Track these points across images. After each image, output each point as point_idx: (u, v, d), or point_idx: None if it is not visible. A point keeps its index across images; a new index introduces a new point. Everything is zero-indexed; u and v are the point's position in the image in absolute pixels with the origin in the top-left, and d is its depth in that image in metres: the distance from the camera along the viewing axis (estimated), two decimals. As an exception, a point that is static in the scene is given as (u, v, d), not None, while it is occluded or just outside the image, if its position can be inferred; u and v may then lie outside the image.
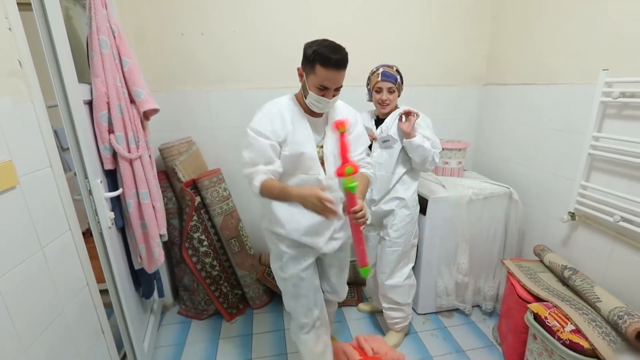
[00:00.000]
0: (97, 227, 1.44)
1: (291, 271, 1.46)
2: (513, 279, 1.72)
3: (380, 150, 1.72)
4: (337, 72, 1.22)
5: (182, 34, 2.07)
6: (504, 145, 2.26)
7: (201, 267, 2.12)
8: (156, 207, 1.67)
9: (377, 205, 1.78)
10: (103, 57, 1.41)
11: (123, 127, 1.49)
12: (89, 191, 1.40)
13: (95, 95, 1.41)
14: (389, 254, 1.78)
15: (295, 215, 1.39)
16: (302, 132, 1.34)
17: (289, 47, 2.18)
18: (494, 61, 2.34)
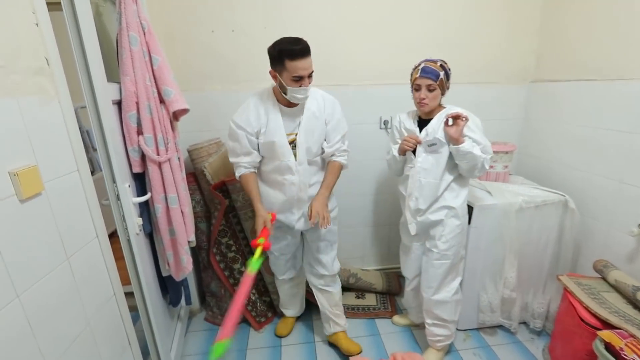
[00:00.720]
0: (124, 234, 1.38)
1: (274, 247, 1.76)
2: (573, 299, 1.54)
3: (426, 155, 1.56)
4: (304, 59, 1.37)
5: (213, 31, 2.00)
6: (555, 148, 2.06)
7: (229, 274, 2.04)
8: (185, 213, 1.60)
9: (423, 215, 1.62)
10: (132, 54, 1.34)
11: (152, 128, 1.42)
12: (116, 196, 1.34)
13: (124, 95, 1.35)
14: (437, 267, 1.63)
15: (270, 195, 1.64)
16: (274, 122, 1.51)
17: (320, 43, 2.06)
18: (544, 56, 2.14)
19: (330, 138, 1.61)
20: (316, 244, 1.74)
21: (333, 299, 1.85)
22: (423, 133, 1.57)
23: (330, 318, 1.87)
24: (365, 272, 2.36)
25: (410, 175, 1.62)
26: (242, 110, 1.55)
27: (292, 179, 1.56)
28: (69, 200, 1.08)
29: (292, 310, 2.04)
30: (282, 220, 1.66)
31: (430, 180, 1.57)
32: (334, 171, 1.64)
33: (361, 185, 2.35)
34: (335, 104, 1.62)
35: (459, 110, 1.49)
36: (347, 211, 2.37)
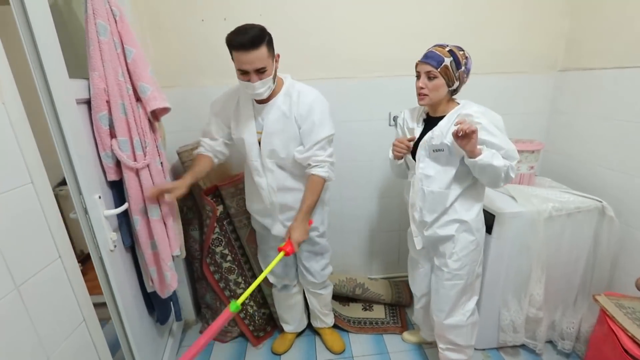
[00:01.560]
0: (96, 251, 1.22)
1: (260, 246, 1.72)
2: (614, 325, 1.32)
3: (429, 161, 1.34)
4: (246, 53, 1.20)
5: (203, 20, 1.81)
6: (589, 145, 1.82)
7: (224, 285, 1.88)
8: (168, 225, 1.44)
9: (430, 229, 1.41)
10: (101, 46, 1.17)
11: (127, 130, 1.25)
12: (84, 209, 1.17)
13: (92, 93, 1.18)
14: (449, 289, 1.43)
15: (249, 195, 1.59)
16: (244, 118, 1.42)
17: (321, 31, 1.87)
18: (576, 41, 1.89)
19: (304, 142, 1.39)
20: (303, 253, 1.65)
21: (323, 300, 1.81)
22: (428, 135, 1.33)
23: (318, 316, 1.86)
24: (373, 282, 2.18)
25: (412, 182, 1.42)
26: (222, 95, 1.50)
27: (260, 182, 1.46)
28: (20, 217, 0.92)
29: (292, 325, 1.87)
30: (263, 223, 1.59)
31: (434, 189, 1.34)
32: (312, 189, 1.40)
33: (368, 188, 2.15)
34: (315, 103, 1.37)
35: (469, 112, 1.26)
36: (353, 216, 2.19)
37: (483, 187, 1.40)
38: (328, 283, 1.80)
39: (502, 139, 1.26)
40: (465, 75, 1.29)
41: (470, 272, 1.42)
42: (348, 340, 1.91)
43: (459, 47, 1.28)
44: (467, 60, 1.28)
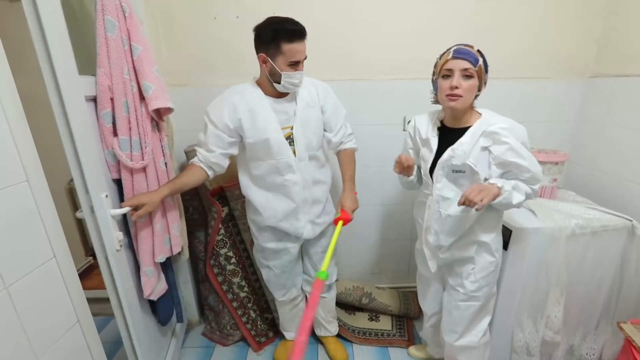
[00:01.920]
0: (102, 251, 1.20)
1: (274, 263, 1.56)
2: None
3: (447, 181, 1.23)
4: (303, 42, 1.23)
5: (215, 18, 1.78)
6: (618, 159, 1.69)
7: (227, 288, 1.85)
8: (155, 230, 1.37)
9: (447, 252, 1.31)
10: (108, 42, 1.15)
11: (128, 129, 1.23)
12: (90, 208, 1.15)
13: (97, 90, 1.17)
14: (463, 310, 1.34)
15: (271, 201, 1.43)
16: (263, 118, 1.32)
17: (335, 31, 1.80)
18: (609, 45, 1.76)
19: (332, 126, 1.47)
20: (318, 254, 1.61)
21: (327, 305, 1.78)
22: (447, 154, 1.19)
23: (322, 324, 1.81)
24: (381, 292, 2.10)
25: (427, 204, 1.31)
26: (217, 102, 1.36)
27: (294, 178, 1.39)
28: (13, 216, 0.90)
29: (294, 332, 1.83)
30: (287, 229, 1.46)
31: (452, 213, 1.23)
32: (351, 160, 1.52)
33: (379, 194, 2.08)
34: (328, 88, 1.47)
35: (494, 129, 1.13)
36: (363, 223, 2.11)
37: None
38: (333, 286, 1.76)
39: (530, 161, 1.15)
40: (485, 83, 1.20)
41: (487, 294, 1.33)
42: (352, 351, 1.85)
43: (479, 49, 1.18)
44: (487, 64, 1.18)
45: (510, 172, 1.18)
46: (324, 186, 1.51)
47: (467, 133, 1.18)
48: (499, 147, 1.14)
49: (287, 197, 1.42)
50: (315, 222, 1.50)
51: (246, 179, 1.47)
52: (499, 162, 1.16)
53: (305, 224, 1.47)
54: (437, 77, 1.20)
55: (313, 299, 1.04)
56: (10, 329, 0.89)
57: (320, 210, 1.51)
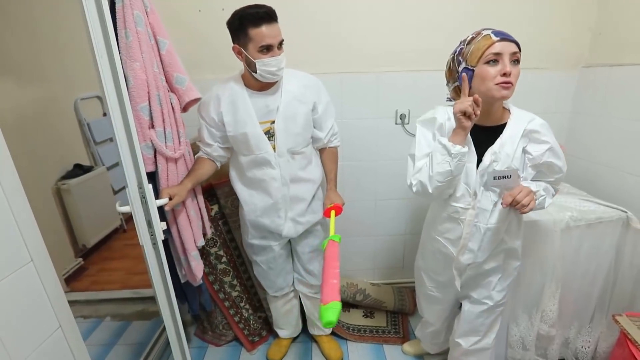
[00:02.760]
0: (150, 241, 1.16)
1: (260, 258, 1.57)
2: (635, 349, 1.19)
3: (484, 190, 1.11)
4: (271, 24, 1.19)
5: (200, 10, 1.73)
6: (614, 150, 1.67)
7: (219, 288, 1.82)
8: (190, 216, 1.43)
9: (475, 269, 1.25)
10: (139, 36, 1.16)
11: (162, 120, 1.25)
12: (142, 198, 1.12)
13: (133, 84, 1.16)
14: (485, 318, 1.30)
15: (253, 196, 1.44)
16: (243, 111, 1.31)
17: (325, 23, 1.75)
18: (603, 34, 1.73)
19: (323, 125, 1.46)
20: (306, 254, 1.58)
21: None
22: (487, 158, 1.06)
23: (315, 323, 1.79)
24: (375, 288, 2.08)
25: (466, 220, 1.15)
26: (205, 98, 1.39)
27: (273, 174, 1.38)
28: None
29: (287, 330, 1.80)
30: (268, 226, 1.47)
31: (492, 225, 1.13)
32: (335, 158, 1.54)
33: (373, 189, 2.05)
34: (320, 84, 1.44)
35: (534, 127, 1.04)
36: (356, 219, 2.08)
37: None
38: None
39: (564, 161, 1.09)
40: None
41: (508, 297, 1.30)
42: (346, 348, 1.83)
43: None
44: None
45: (540, 173, 1.11)
46: (309, 184, 1.47)
47: (506, 132, 1.06)
48: (539, 147, 1.05)
49: (265, 193, 1.42)
50: (297, 221, 1.46)
51: (234, 173, 1.49)
52: (537, 163, 1.06)
53: (285, 222, 1.45)
54: (477, 64, 1.02)
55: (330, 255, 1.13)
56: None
57: (304, 209, 1.47)
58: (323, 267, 1.12)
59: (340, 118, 1.89)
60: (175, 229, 1.40)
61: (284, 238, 1.51)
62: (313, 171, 1.48)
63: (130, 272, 2.64)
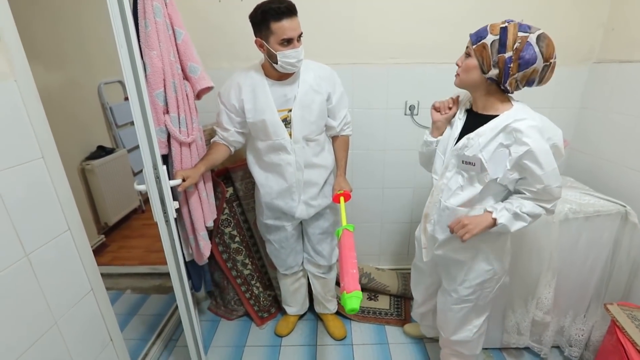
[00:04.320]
0: (163, 218, 1.25)
1: (273, 237, 1.67)
2: (623, 337, 1.26)
3: (455, 172, 1.17)
4: (291, 19, 1.25)
5: (220, 1, 1.80)
6: (619, 146, 1.70)
7: (232, 265, 1.93)
8: (202, 198, 1.53)
9: (441, 249, 1.28)
10: (157, 26, 1.24)
11: (176, 107, 1.34)
12: (157, 178, 1.20)
13: (150, 72, 1.26)
14: (456, 312, 1.36)
15: (269, 179, 1.53)
16: (262, 99, 1.39)
17: (339, 17, 1.81)
18: (616, 30, 1.74)
19: (336, 114, 1.53)
20: (316, 235, 1.67)
21: (327, 285, 1.84)
22: (462, 142, 1.12)
23: (321, 302, 1.88)
24: (380, 273, 2.17)
25: (431, 191, 1.26)
26: (227, 84, 1.46)
27: (288, 159, 1.46)
28: (29, 190, 0.97)
29: (295, 307, 1.91)
30: (282, 207, 1.56)
31: (451, 205, 1.17)
32: (346, 146, 1.61)
33: (380, 177, 2.12)
34: (335, 75, 1.51)
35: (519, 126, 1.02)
36: (364, 206, 2.17)
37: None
38: (334, 267, 1.82)
39: (548, 171, 1.03)
40: (516, 66, 1.00)
41: (482, 297, 1.31)
42: (350, 327, 1.93)
43: (527, 26, 1.00)
44: (525, 47, 0.97)
45: (525, 180, 1.09)
46: (322, 170, 1.55)
47: (488, 124, 1.08)
48: (519, 148, 1.02)
49: (281, 177, 1.50)
50: (309, 204, 1.55)
51: (251, 157, 1.57)
52: (515, 164, 1.05)
53: (299, 204, 1.54)
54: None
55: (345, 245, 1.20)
56: (30, 293, 0.97)
57: (316, 193, 1.56)
58: (340, 256, 1.20)
59: (351, 107, 1.94)
60: (187, 209, 1.50)
61: (297, 219, 1.59)
62: (326, 157, 1.56)
63: (148, 250, 2.79)
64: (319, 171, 1.55)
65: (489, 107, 1.13)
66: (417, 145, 1.97)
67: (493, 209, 1.12)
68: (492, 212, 1.11)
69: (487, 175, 1.09)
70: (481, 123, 1.12)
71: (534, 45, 0.98)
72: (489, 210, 1.13)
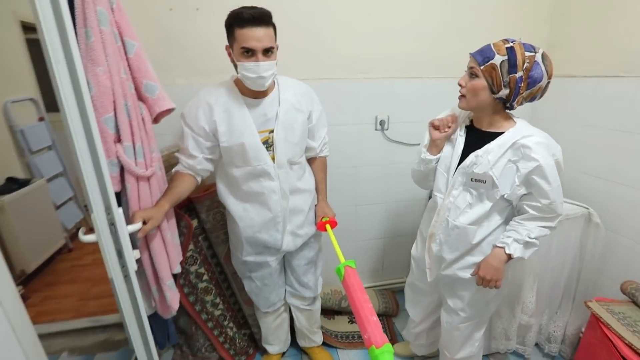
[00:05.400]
0: (121, 273, 1.00)
1: (256, 274, 1.48)
2: (609, 332, 1.34)
3: (463, 189, 1.16)
4: (257, 27, 1.10)
5: (171, 9, 1.59)
6: (569, 153, 1.81)
7: (200, 308, 1.69)
8: (166, 240, 1.26)
9: (449, 269, 1.26)
10: (103, 37, 0.98)
11: (130, 134, 1.08)
12: (111, 225, 0.96)
13: (96, 92, 0.98)
14: (463, 330, 1.35)
15: (249, 210, 1.35)
16: (239, 120, 1.23)
17: (309, 31, 1.72)
18: (556, 48, 1.91)
19: (316, 134, 1.43)
20: (301, 267, 1.54)
21: (313, 317, 1.71)
22: (469, 160, 1.11)
23: (307, 335, 1.73)
24: (359, 293, 2.09)
25: (437, 209, 1.22)
26: (192, 104, 1.27)
27: (272, 186, 1.30)
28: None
29: (277, 346, 1.73)
30: (266, 241, 1.38)
31: (460, 224, 1.16)
32: (325, 167, 1.54)
33: (353, 195, 2.05)
34: (313, 93, 1.42)
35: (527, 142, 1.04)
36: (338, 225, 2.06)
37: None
38: (319, 297, 1.70)
39: (554, 187, 1.06)
40: (525, 85, 1.02)
41: (486, 312, 1.33)
42: (337, 357, 1.82)
43: (531, 46, 1.03)
44: (534, 66, 1.00)
45: (530, 196, 1.11)
46: (307, 195, 1.44)
47: (496, 140, 1.09)
48: (528, 164, 1.05)
49: (264, 207, 1.34)
50: (296, 234, 1.42)
51: (223, 187, 1.37)
52: (524, 180, 1.07)
53: (285, 236, 1.39)
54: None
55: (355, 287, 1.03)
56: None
57: (302, 221, 1.43)
58: (352, 301, 1.02)
59: (321, 124, 1.87)
60: (147, 256, 1.23)
61: (282, 253, 1.45)
62: (309, 181, 1.45)
63: (83, 298, 2.35)
64: (304, 196, 1.42)
65: (494, 124, 1.13)
66: (387, 160, 1.99)
67: (504, 244, 1.13)
68: (505, 248, 1.12)
69: (497, 192, 1.09)
70: (484, 140, 1.12)
71: (541, 64, 1.02)
72: (500, 245, 1.13)
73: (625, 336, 1.28)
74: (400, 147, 1.97)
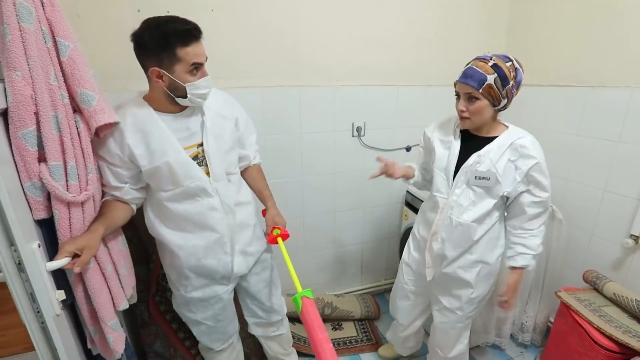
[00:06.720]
0: (36, 320, 0.88)
1: (203, 315, 1.30)
2: (580, 319, 1.45)
3: (466, 188, 1.22)
4: (199, 42, 1.04)
5: (139, 10, 1.49)
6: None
7: (177, 327, 1.59)
8: (107, 274, 1.08)
9: (450, 267, 1.30)
10: (24, 36, 0.84)
11: (61, 152, 0.93)
12: (17, 265, 0.84)
13: (12, 102, 0.84)
14: (458, 329, 1.39)
15: (189, 237, 1.19)
16: (157, 138, 1.08)
17: (282, 37, 1.70)
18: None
19: (245, 141, 1.34)
20: (262, 291, 1.40)
21: (285, 339, 1.58)
22: (472, 159, 1.19)
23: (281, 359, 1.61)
24: (341, 299, 2.09)
25: (440, 208, 1.27)
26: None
27: (211, 202, 1.17)
28: None
29: None
30: (214, 267, 1.23)
31: (464, 221, 1.22)
32: (262, 174, 1.44)
33: (330, 202, 2.05)
34: (233, 99, 1.31)
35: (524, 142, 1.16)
36: (315, 232, 2.07)
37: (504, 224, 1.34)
38: (285, 317, 1.56)
39: (549, 182, 1.20)
40: (515, 89, 1.15)
41: (477, 310, 1.40)
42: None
43: (505, 57, 1.13)
44: (516, 72, 1.13)
45: (529, 194, 1.21)
46: (249, 207, 1.32)
47: (495, 142, 1.19)
48: (527, 161, 1.16)
49: (206, 229, 1.19)
50: (246, 252, 1.29)
51: (153, 216, 1.20)
52: (525, 177, 1.18)
53: (234, 257, 1.25)
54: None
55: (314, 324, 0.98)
56: None
57: (250, 237, 1.30)
58: (312, 340, 0.97)
59: (298, 132, 1.85)
60: (82, 294, 1.04)
61: (234, 278, 1.31)
62: (248, 192, 1.35)
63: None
64: (247, 209, 1.30)
65: (492, 130, 1.24)
66: (364, 166, 2.02)
67: (527, 264, 1.24)
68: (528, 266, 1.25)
69: (500, 188, 1.18)
70: (480, 144, 1.21)
71: (519, 67, 1.14)
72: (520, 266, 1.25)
73: (593, 321, 1.40)
74: (376, 153, 2.01)
